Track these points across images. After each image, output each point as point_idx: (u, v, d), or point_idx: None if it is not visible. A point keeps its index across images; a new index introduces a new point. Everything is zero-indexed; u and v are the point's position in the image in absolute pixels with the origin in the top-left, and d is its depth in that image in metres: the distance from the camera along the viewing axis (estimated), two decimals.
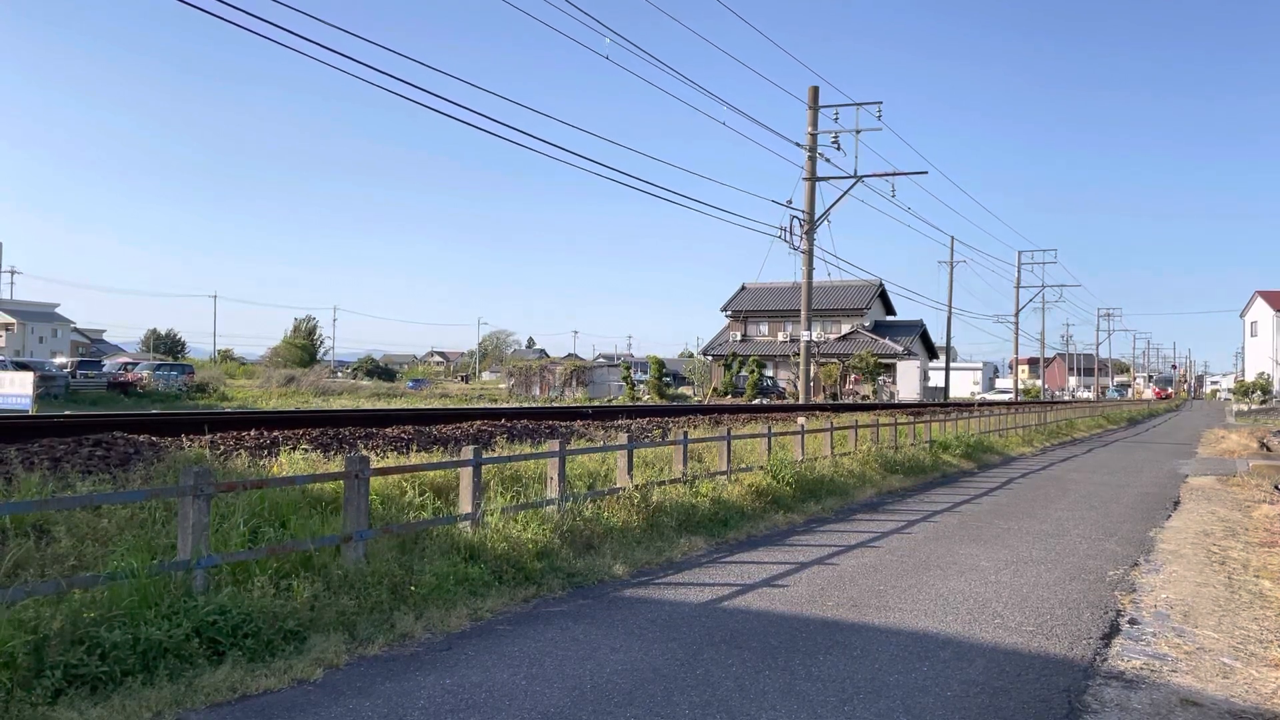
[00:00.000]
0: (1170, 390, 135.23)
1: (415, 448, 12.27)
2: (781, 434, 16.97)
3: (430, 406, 29.95)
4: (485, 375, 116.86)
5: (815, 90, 33.77)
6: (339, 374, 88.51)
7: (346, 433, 12.45)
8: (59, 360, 57.74)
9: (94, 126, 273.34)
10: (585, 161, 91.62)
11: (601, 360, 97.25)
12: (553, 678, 5.99)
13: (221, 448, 10.50)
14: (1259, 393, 77.22)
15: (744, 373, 58.83)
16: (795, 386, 48.50)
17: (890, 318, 72.67)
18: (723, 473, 13.75)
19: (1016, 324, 67.93)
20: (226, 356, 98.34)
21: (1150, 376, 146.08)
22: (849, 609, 8.00)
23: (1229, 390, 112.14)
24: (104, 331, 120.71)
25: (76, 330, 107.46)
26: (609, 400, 57.80)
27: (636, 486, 11.28)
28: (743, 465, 14.68)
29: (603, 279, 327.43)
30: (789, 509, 13.37)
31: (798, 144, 33.41)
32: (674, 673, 6.14)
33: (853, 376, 58.56)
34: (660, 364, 61.98)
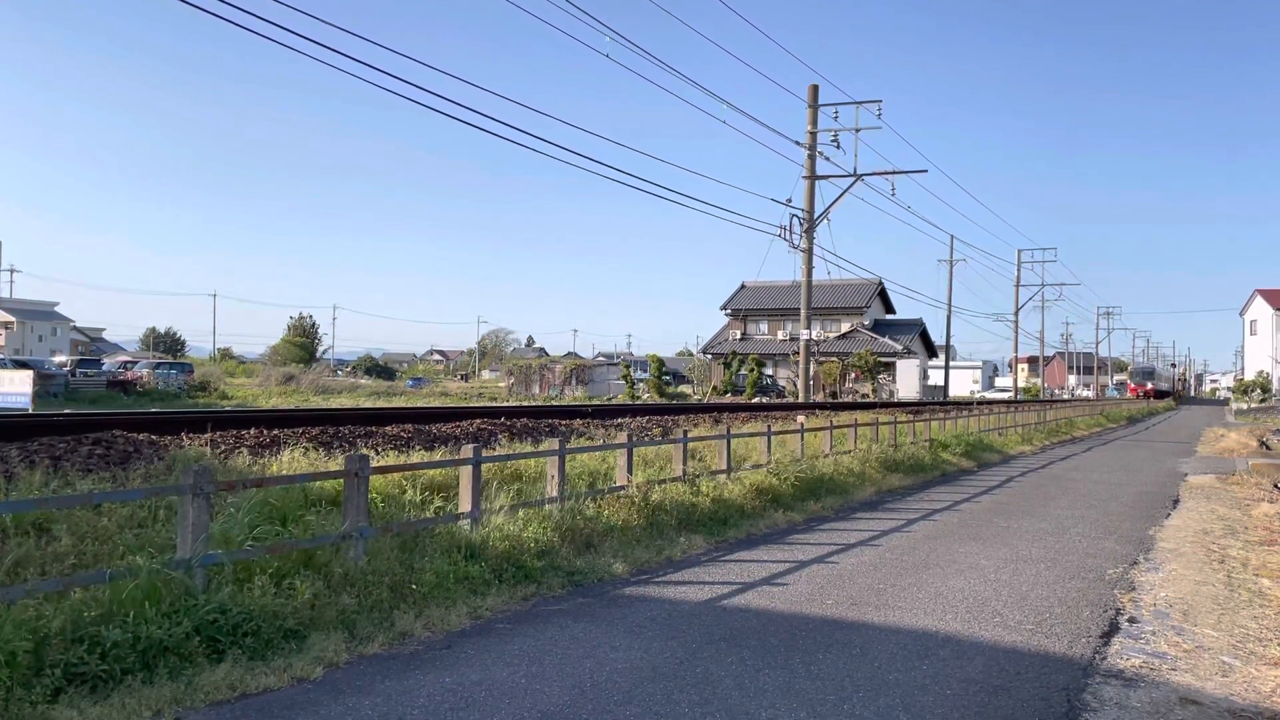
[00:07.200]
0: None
1: (415, 446, 12.28)
2: (781, 432, 16.98)
3: (430, 405, 29.90)
4: (485, 374, 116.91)
5: (815, 89, 33.76)
6: (339, 373, 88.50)
7: (346, 431, 12.46)
8: (58, 359, 57.59)
9: (94, 126, 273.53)
10: (585, 160, 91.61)
11: (601, 359, 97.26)
12: (552, 676, 5.99)
13: (221, 446, 10.51)
14: (1259, 391, 77.27)
15: (744, 371, 58.75)
16: (795, 385, 48.48)
17: (890, 316, 72.59)
18: (723, 471, 13.75)
19: (1016, 323, 68.01)
20: (226, 355, 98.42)
21: (1151, 372, 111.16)
22: (849, 607, 8.00)
23: (1228, 389, 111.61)
24: (104, 330, 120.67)
25: (76, 329, 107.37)
26: (609, 399, 57.78)
27: (637, 485, 11.28)
28: (743, 464, 14.69)
29: (603, 278, 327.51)
30: (789, 507, 13.37)
31: (797, 142, 33.42)
32: (674, 671, 6.14)
33: (852, 375, 58.54)
34: (660, 363, 61.91)
